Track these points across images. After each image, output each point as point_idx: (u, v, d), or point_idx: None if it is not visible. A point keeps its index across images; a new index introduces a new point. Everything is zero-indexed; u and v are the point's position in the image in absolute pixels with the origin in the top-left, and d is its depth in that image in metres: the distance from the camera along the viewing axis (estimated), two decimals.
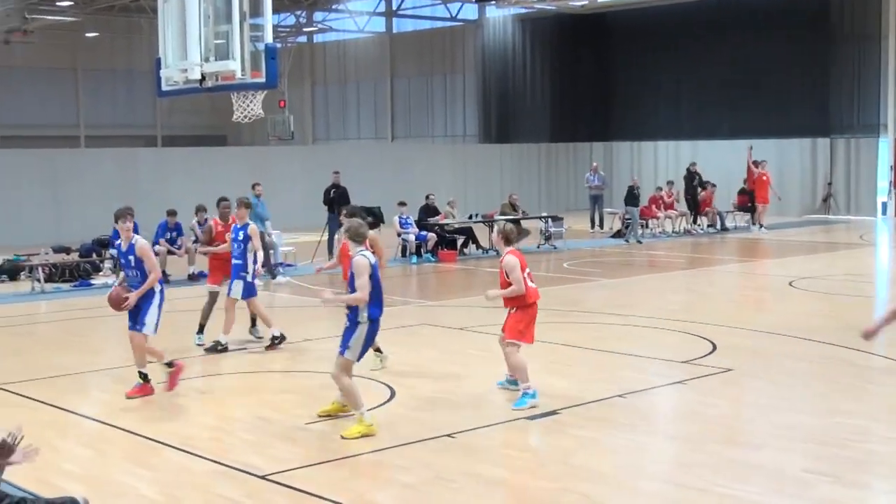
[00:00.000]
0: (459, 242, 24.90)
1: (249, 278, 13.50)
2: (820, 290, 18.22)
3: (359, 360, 9.57)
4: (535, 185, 39.69)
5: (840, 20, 34.69)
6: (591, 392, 10.67)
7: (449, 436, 9.12)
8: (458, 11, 44.23)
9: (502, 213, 26.29)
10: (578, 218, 32.28)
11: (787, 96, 35.78)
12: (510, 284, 10.49)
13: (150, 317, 10.78)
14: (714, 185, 30.78)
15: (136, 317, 10.79)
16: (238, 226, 13.74)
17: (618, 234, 28.83)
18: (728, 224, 30.88)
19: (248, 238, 13.48)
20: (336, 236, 20.25)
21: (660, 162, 39.77)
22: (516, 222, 26.12)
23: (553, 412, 9.89)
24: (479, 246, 25.27)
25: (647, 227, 29.13)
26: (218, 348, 13.34)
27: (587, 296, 18.26)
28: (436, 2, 44.35)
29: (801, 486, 7.77)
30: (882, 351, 12.73)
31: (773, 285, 19.63)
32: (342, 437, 9.07)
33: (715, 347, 12.92)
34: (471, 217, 26.48)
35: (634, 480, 8.09)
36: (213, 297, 14.10)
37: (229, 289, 13.55)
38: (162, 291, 10.95)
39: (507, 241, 10.70)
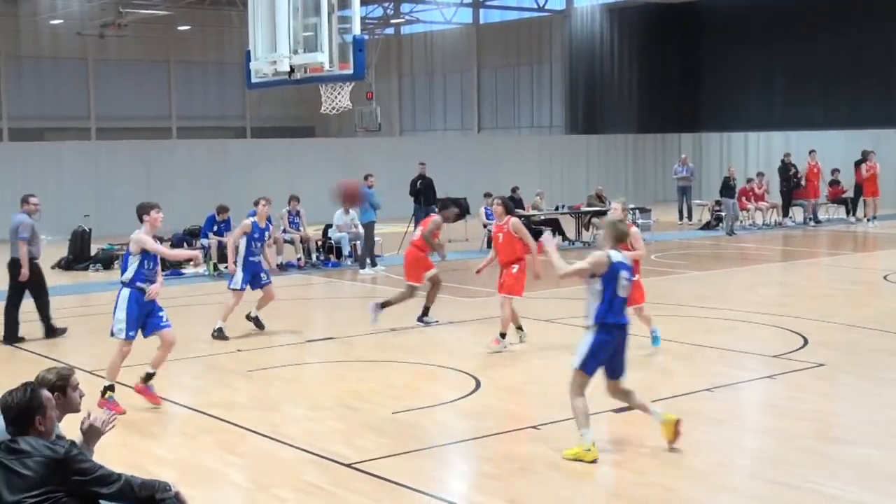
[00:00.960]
0: (546, 234, 24.77)
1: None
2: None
3: (588, 372, 8.44)
4: (622, 176, 39.37)
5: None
6: (680, 386, 10.57)
7: (534, 427, 9.12)
8: (546, 2, 44.03)
9: (589, 205, 26.16)
10: (666, 210, 31.95)
11: (881, 87, 34.93)
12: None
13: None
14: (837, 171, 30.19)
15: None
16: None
17: (707, 226, 28.48)
18: (821, 216, 30.29)
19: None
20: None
21: (750, 153, 39.12)
22: (602, 214, 25.98)
23: None
24: (565, 237, 25.16)
25: (737, 219, 28.71)
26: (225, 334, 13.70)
27: (675, 288, 18.07)
28: None
29: (893, 483, 7.62)
30: None
31: (867, 279, 19.23)
32: (563, 457, 8.26)
33: (806, 342, 12.70)
34: (557, 209, 26.39)
35: (721, 476, 8.01)
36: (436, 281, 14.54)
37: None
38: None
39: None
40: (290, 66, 11.95)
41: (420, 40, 50.83)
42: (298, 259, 21.41)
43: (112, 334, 10.20)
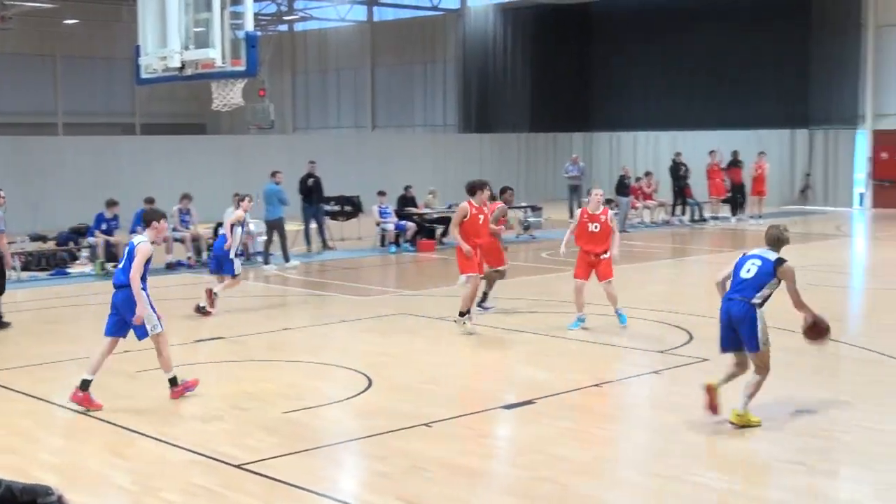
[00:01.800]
0: (438, 232, 24.91)
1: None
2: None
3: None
4: (515, 174, 39.67)
5: (820, 12, 34.78)
6: (569, 381, 10.71)
7: (426, 425, 9.15)
8: (440, 0, 44.16)
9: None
10: (557, 208, 32.32)
11: (767, 87, 35.89)
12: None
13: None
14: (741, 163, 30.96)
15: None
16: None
17: None
18: (705, 215, 30.97)
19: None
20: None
21: (639, 152, 39.86)
22: None
23: (530, 401, 9.93)
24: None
25: (628, 217, 29.16)
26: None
27: (566, 286, 18.26)
28: None
29: (773, 474, 7.84)
30: (856, 341, 12.85)
31: None
32: (730, 423, 8.91)
33: (692, 337, 12.99)
34: (450, 207, 26.47)
35: (609, 469, 8.14)
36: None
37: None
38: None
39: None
40: (181, 62, 11.80)
41: (314, 37, 50.54)
42: (189, 258, 21.11)
43: (147, 334, 10.04)
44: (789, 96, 35.46)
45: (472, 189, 13.92)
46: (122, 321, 10.02)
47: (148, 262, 10.04)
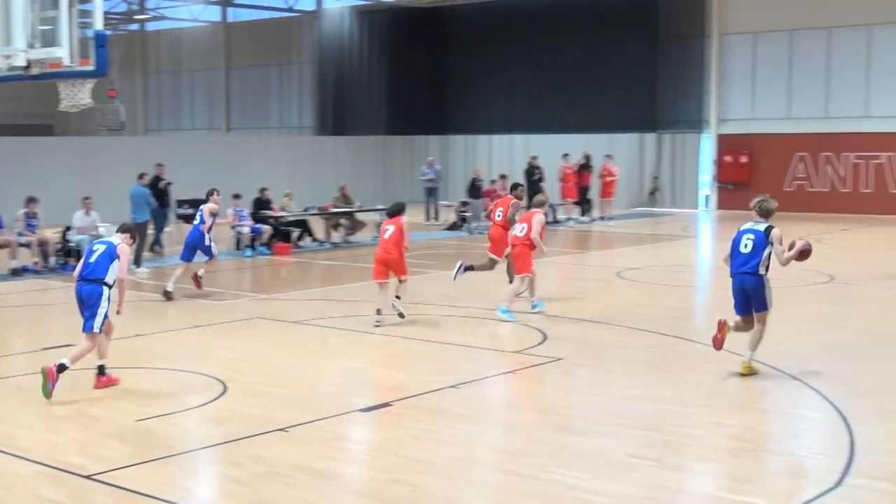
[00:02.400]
0: (295, 235, 24.72)
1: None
2: (645, 280, 18.79)
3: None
4: (371, 177, 39.68)
5: (667, 20, 35.82)
6: (425, 383, 10.76)
7: (282, 430, 9.06)
8: (296, 1, 43.85)
9: (335, 206, 26.22)
10: (414, 210, 32.40)
11: (618, 92, 36.76)
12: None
13: None
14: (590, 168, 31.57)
15: None
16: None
17: (453, 227, 29.12)
18: (559, 217, 31.54)
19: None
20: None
21: (494, 155, 40.33)
22: (349, 214, 26.12)
23: (386, 404, 9.94)
24: (314, 238, 25.15)
25: (481, 219, 29.46)
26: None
27: (422, 288, 18.34)
28: None
29: (626, 470, 8.02)
30: (701, 338, 13.26)
31: (602, 276, 20.14)
32: (740, 374, 10.84)
33: (545, 337, 13.20)
34: (306, 210, 26.32)
35: (465, 470, 8.20)
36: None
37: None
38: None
39: None
40: (27, 61, 11.43)
41: (167, 37, 49.56)
42: (35, 263, 20.42)
43: (94, 329, 10.54)
44: (638, 101, 36.39)
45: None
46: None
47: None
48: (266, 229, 23.67)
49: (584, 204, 32.02)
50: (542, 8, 38.14)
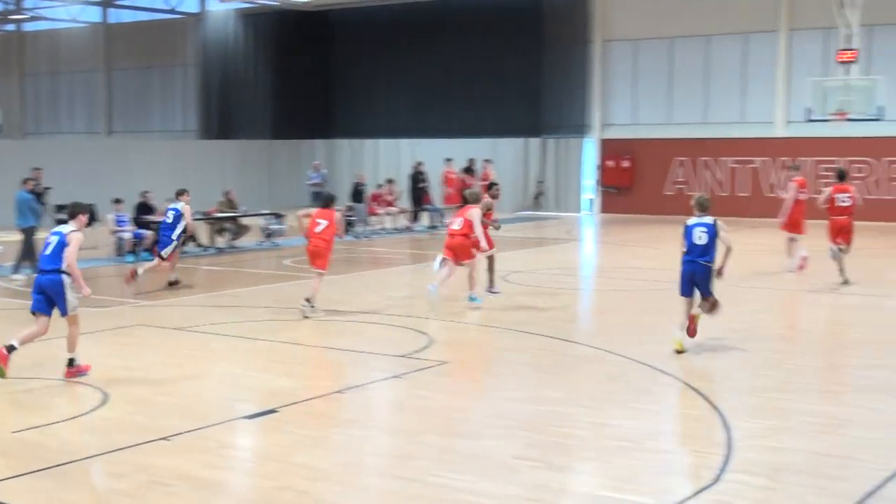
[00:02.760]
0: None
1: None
2: (530, 283, 18.99)
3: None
4: (258, 182, 39.29)
5: (551, 25, 36.32)
6: (311, 389, 10.70)
7: (164, 439, 8.91)
8: (179, 3, 43.19)
9: (220, 211, 25.90)
10: None
11: (503, 97, 37.15)
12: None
13: None
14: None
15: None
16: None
17: None
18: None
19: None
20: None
21: (381, 159, 40.31)
22: (234, 219, 25.83)
23: (272, 410, 9.85)
24: (198, 244, 24.79)
25: (367, 223, 29.43)
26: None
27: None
28: None
29: (510, 471, 8.09)
30: (584, 340, 13.46)
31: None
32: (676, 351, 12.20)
33: (431, 341, 13.24)
34: (193, 215, 25.86)
35: (353, 475, 8.18)
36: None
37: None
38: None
39: None
40: None
41: (45, 38, 48.34)
42: None
43: (67, 313, 11.18)
44: (524, 105, 36.83)
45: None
46: (48, 300, 11.18)
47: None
48: (148, 235, 23.22)
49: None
50: (429, 12, 38.31)
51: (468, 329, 14.26)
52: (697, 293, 12.39)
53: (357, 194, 28.77)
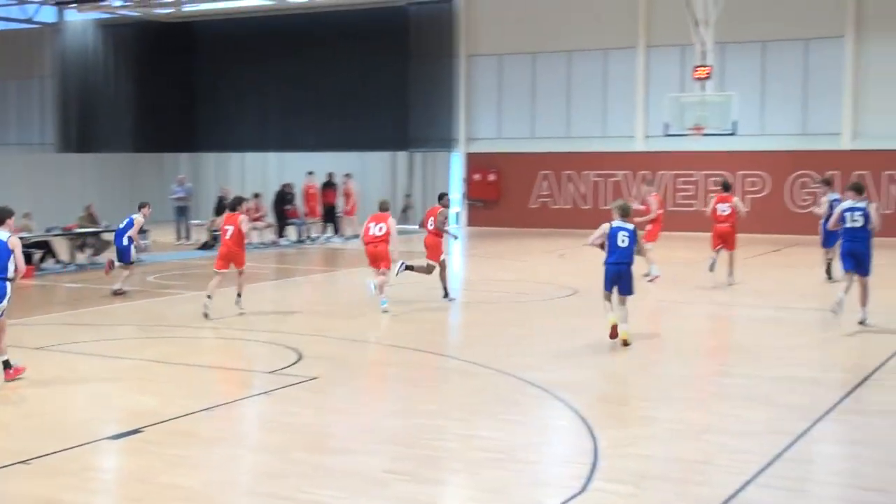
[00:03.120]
0: (37, 257, 23.58)
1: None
2: (399, 297, 19.01)
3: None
4: (119, 196, 38.34)
5: (417, 40, 36.55)
6: (178, 407, 10.49)
7: (23, 462, 8.62)
8: (36, 13, 41.96)
9: (80, 226, 25.24)
10: (164, 230, 31.64)
11: (370, 111, 37.19)
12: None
13: None
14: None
15: None
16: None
17: (204, 246, 28.57)
18: (312, 235, 31.52)
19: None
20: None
21: (247, 173, 39.90)
22: (96, 235, 25.20)
23: (137, 430, 9.63)
24: (58, 260, 24.09)
25: None
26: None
27: (174, 309, 17.94)
28: (10, 2, 41.74)
29: (380, 486, 8.08)
30: (453, 353, 13.55)
31: (356, 294, 20.20)
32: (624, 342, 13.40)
33: (301, 357, 13.13)
34: (49, 230, 25.16)
35: (220, 494, 8.04)
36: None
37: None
38: None
39: None
40: None
41: None
42: None
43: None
44: (391, 119, 36.94)
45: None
46: None
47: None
48: None
49: (332, 222, 32.22)
50: (296, 25, 38.15)
51: (338, 344, 14.19)
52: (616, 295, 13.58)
53: (221, 209, 28.41)
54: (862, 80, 31.65)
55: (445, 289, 18.33)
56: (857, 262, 14.78)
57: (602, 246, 13.60)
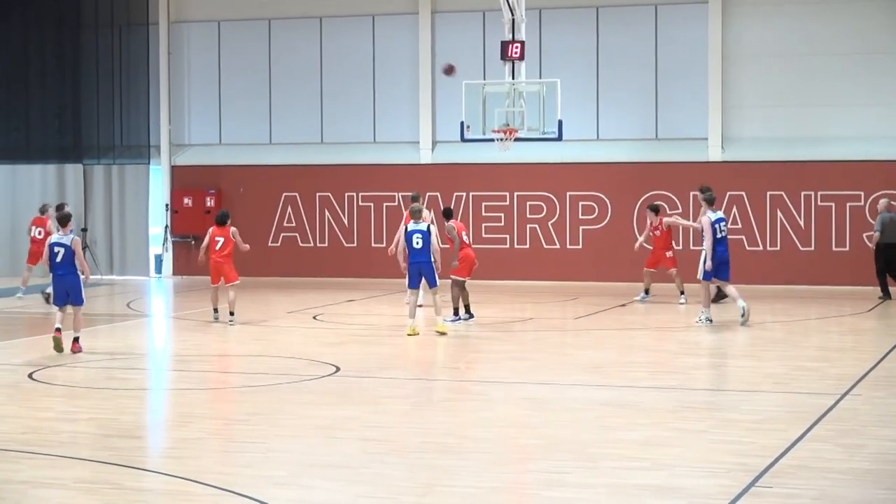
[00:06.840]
0: None
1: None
2: (70, 381, 18.55)
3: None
4: None
5: (93, 12, 35.93)
6: None
7: None
8: None
9: None
10: None
11: (24, 105, 36.33)
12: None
13: None
14: None
15: None
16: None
17: None
18: None
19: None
20: None
21: None
22: None
23: None
24: None
25: None
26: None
27: None
28: None
29: None
30: (156, 465, 13.25)
31: (8, 380, 19.60)
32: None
33: None
34: None
35: None
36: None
37: None
38: None
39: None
40: None
41: None
42: None
43: None
44: (56, 118, 36.43)
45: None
46: None
47: None
48: None
49: None
50: None
51: None
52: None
53: None
54: (734, 61, 32.48)
55: (467, 307, 24.75)
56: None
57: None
